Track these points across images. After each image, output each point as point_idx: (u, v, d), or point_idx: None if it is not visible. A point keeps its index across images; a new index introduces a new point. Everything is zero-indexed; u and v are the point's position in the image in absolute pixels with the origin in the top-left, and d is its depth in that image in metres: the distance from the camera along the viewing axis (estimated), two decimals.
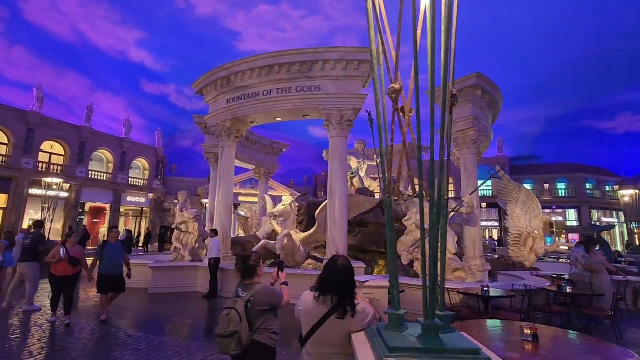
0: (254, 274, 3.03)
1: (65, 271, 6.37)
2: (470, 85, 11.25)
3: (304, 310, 2.31)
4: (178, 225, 12.78)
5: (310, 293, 2.34)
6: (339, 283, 2.22)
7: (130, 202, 31.91)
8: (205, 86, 11.72)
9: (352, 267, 2.35)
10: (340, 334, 2.14)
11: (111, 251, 6.77)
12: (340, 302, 2.16)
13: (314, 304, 2.23)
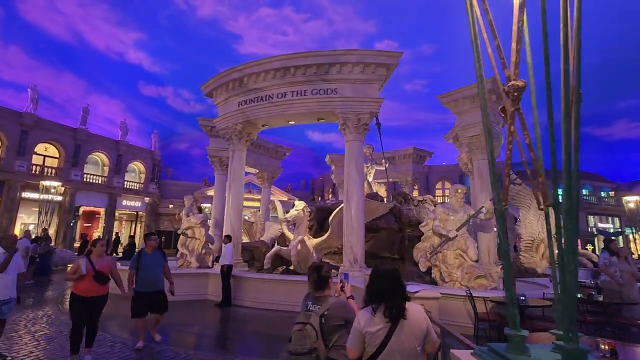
0: (325, 286, 2.80)
1: (90, 290, 4.76)
2: (486, 90, 11.17)
3: (368, 330, 2.14)
4: (184, 231, 12.45)
5: (366, 310, 2.22)
6: (391, 289, 2.17)
7: (126, 206, 31.31)
8: (216, 88, 11.45)
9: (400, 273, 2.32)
10: (410, 340, 2.10)
11: (149, 262, 5.55)
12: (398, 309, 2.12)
13: (374, 318, 2.13)
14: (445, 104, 12.29)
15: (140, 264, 5.52)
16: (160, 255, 5.81)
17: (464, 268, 8.77)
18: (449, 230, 9.00)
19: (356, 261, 9.17)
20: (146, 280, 5.49)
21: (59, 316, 7.47)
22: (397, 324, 2.11)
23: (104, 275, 4.88)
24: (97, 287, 4.79)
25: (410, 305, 2.22)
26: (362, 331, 2.17)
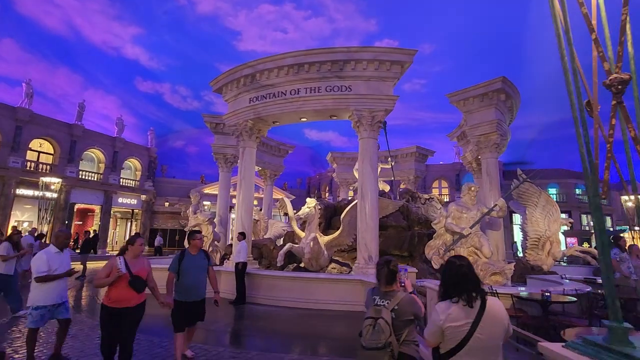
0: (394, 281, 2.80)
1: (124, 300, 3.88)
2: (495, 90, 11.29)
3: (450, 323, 2.14)
4: (191, 229, 12.31)
5: (445, 304, 2.21)
6: (471, 280, 2.20)
7: (122, 204, 30.87)
8: (226, 84, 11.33)
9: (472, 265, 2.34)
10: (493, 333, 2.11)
11: (193, 266, 4.64)
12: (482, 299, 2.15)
13: (457, 310, 2.13)
14: (453, 103, 12.37)
15: (182, 267, 4.56)
16: (204, 257, 4.92)
17: (478, 265, 8.83)
18: (462, 228, 9.05)
19: (371, 258, 9.19)
20: (188, 288, 4.58)
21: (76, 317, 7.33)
22: (481, 318, 2.11)
23: (141, 280, 4.05)
24: (133, 296, 3.94)
25: (490, 299, 2.23)
26: (443, 325, 2.16)
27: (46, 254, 4.44)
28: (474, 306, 2.14)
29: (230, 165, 15.91)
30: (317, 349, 5.76)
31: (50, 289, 4.34)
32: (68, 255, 4.68)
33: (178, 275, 4.57)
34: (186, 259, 4.66)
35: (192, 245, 4.84)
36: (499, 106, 11.55)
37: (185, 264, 4.61)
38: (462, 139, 15.83)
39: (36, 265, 4.31)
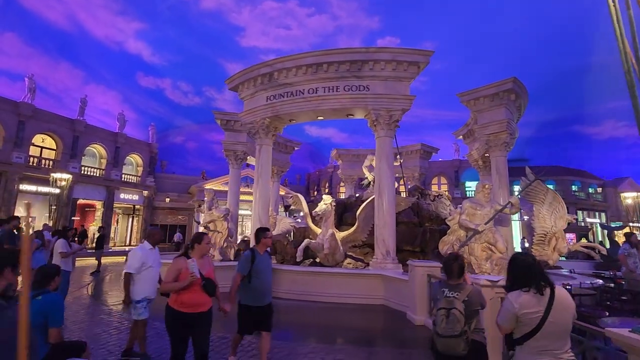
0: (462, 275, 3.06)
1: (201, 303, 3.60)
2: (506, 90, 11.58)
3: (524, 310, 2.38)
4: (206, 224, 12.51)
5: (516, 293, 2.45)
6: (537, 270, 2.45)
7: (124, 200, 30.83)
8: (242, 82, 11.48)
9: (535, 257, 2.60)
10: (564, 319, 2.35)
11: (264, 267, 4.27)
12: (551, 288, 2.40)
13: (528, 298, 2.37)
14: (464, 102, 12.65)
15: (254, 268, 4.11)
16: (269, 256, 4.63)
17: (493, 260, 9.18)
18: (477, 224, 9.37)
19: (388, 254, 9.48)
20: (261, 291, 4.19)
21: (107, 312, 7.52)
22: (552, 304, 2.35)
23: (213, 283, 3.72)
24: (206, 300, 3.64)
25: (558, 288, 2.49)
26: (517, 313, 2.40)
27: (141, 251, 4.58)
28: (545, 294, 2.39)
29: (240, 162, 16.07)
30: (337, 339, 6.01)
31: (150, 282, 4.54)
32: (158, 252, 4.83)
33: (250, 278, 4.10)
34: (258, 259, 4.18)
35: (262, 243, 4.40)
36: (508, 106, 11.85)
37: (258, 264, 4.15)
38: (468, 137, 16.14)
39: (131, 260, 4.49)
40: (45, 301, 3.21)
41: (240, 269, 4.15)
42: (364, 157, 21.67)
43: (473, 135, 15.65)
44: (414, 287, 6.91)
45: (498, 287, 4.43)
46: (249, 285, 4.11)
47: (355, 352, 5.16)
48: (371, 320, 7.35)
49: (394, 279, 8.33)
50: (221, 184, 36.50)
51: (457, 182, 36.04)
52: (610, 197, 35.58)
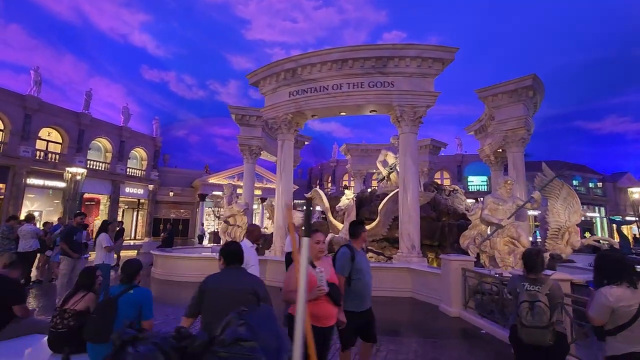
0: (543, 269, 3.23)
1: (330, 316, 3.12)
2: (525, 87, 11.75)
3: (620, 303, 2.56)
4: (226, 219, 12.65)
5: (608, 288, 2.63)
6: (627, 265, 2.66)
7: (129, 194, 30.81)
8: (265, 77, 11.53)
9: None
10: None
11: (365, 266, 3.66)
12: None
13: (622, 292, 2.56)
14: (482, 98, 12.81)
15: (355, 268, 3.53)
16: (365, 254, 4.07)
17: (516, 254, 9.43)
18: (500, 219, 9.61)
19: (414, 247, 9.68)
20: (363, 294, 3.60)
21: None
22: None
23: (339, 290, 3.20)
24: (333, 311, 3.14)
25: None
26: (613, 305, 2.57)
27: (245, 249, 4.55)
28: (638, 287, 2.58)
29: (255, 157, 16.14)
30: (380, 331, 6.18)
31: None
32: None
33: (350, 281, 3.55)
34: (358, 257, 3.59)
35: (361, 238, 3.79)
36: (526, 102, 12.03)
37: (359, 263, 3.58)
38: (480, 132, 16.32)
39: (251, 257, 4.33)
40: (138, 294, 3.35)
41: (340, 269, 3.46)
42: (373, 152, 21.93)
43: (485, 131, 15.84)
44: (449, 280, 7.12)
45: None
46: (348, 288, 3.54)
47: (408, 343, 5.36)
48: (406, 312, 7.57)
49: (423, 272, 8.55)
50: (225, 178, 36.56)
51: (459, 177, 36.31)
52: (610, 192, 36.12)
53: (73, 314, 3.38)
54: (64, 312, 3.38)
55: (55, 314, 3.39)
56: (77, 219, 7.21)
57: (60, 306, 3.42)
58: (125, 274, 3.47)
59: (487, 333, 5.96)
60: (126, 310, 3.21)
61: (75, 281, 3.67)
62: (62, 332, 3.30)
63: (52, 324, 3.35)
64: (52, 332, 3.32)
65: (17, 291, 3.72)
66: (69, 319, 3.36)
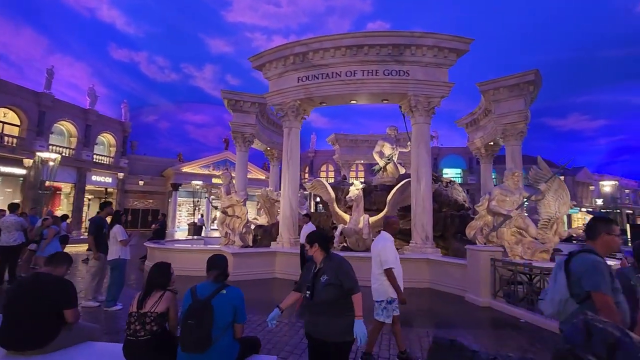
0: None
1: None
2: (527, 81, 12.08)
3: None
4: (225, 209, 12.03)
5: None
6: None
7: (95, 182, 28.68)
8: (271, 61, 10.92)
9: None
10: None
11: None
12: None
13: None
14: (483, 92, 13.04)
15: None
16: None
17: (524, 244, 9.75)
18: (508, 210, 9.86)
19: (427, 238, 9.71)
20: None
21: None
22: None
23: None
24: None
25: None
26: None
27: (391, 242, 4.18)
28: None
29: (248, 145, 15.49)
30: (413, 322, 6.10)
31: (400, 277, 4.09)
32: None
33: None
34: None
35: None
36: (526, 97, 12.39)
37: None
38: (471, 125, 16.72)
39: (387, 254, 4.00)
40: (232, 294, 2.95)
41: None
42: (361, 142, 21.89)
43: (477, 124, 16.25)
44: (478, 270, 7.16)
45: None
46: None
47: (459, 334, 5.28)
48: (433, 302, 7.55)
49: (442, 263, 8.59)
50: (200, 167, 35.17)
51: (435, 169, 37.38)
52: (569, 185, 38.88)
53: (155, 318, 2.92)
54: (144, 316, 2.90)
55: (132, 320, 2.89)
56: (107, 210, 6.43)
57: (137, 310, 2.93)
58: (218, 271, 3.06)
59: (526, 322, 6.04)
60: (222, 314, 2.80)
61: (146, 280, 3.17)
62: (144, 340, 2.83)
63: (131, 331, 2.86)
64: (132, 341, 2.83)
65: (69, 292, 3.15)
66: (151, 324, 2.89)
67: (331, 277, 2.74)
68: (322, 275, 2.79)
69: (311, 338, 2.88)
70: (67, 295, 3.12)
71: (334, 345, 2.76)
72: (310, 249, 2.91)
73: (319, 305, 2.77)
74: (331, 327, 2.73)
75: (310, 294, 2.78)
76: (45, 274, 3.15)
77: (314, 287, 2.79)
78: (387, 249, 3.99)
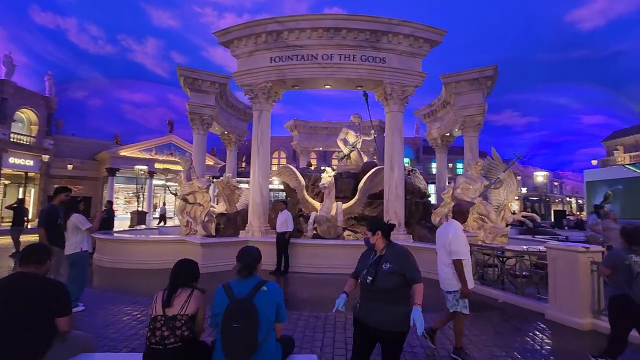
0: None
1: None
2: (486, 76, 12.81)
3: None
4: (185, 196, 11.20)
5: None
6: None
7: (13, 165, 25.00)
8: (240, 37, 10.14)
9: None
10: None
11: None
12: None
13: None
14: (445, 84, 13.57)
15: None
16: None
17: (486, 229, 10.44)
18: (472, 198, 10.46)
19: (400, 225, 9.94)
20: None
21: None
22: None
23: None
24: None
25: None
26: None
27: (462, 232, 4.00)
28: None
29: (207, 128, 14.50)
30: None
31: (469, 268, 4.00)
32: None
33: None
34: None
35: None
36: (484, 91, 13.16)
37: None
38: (429, 116, 17.42)
39: (458, 244, 3.85)
40: (273, 291, 2.62)
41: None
42: (321, 129, 21.74)
43: (435, 116, 16.97)
44: None
45: (590, 253, 5.14)
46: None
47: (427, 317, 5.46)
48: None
49: (418, 248, 8.82)
50: (141, 151, 32.45)
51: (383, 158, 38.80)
52: None
53: (186, 321, 2.48)
54: (173, 319, 2.44)
55: (157, 325, 2.42)
56: (60, 196, 5.37)
57: (162, 314, 2.46)
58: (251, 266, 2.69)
59: (503, 302, 6.45)
60: (265, 314, 2.47)
61: (170, 277, 2.68)
62: (174, 348, 2.39)
63: (157, 338, 2.39)
64: (159, 350, 2.37)
65: (62, 296, 2.55)
66: (182, 329, 2.45)
67: (394, 265, 2.71)
68: (384, 263, 2.75)
69: (361, 325, 2.78)
70: (60, 299, 2.51)
71: (387, 334, 2.69)
72: (373, 236, 2.88)
73: (378, 293, 2.71)
74: (388, 316, 2.67)
75: (372, 280, 2.70)
76: (30, 274, 2.50)
77: (376, 274, 2.71)
78: (459, 239, 3.87)
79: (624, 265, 3.58)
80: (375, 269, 2.75)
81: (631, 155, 25.96)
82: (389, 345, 2.72)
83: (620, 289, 3.62)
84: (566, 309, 5.13)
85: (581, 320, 4.91)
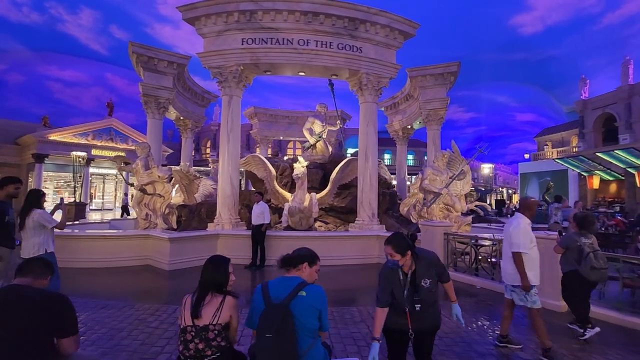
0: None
1: None
2: (450, 72, 13.31)
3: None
4: (143, 187, 10.29)
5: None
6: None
7: None
8: (209, 15, 9.32)
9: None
10: None
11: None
12: None
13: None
14: (412, 78, 13.87)
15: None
16: None
17: (451, 218, 10.93)
18: (440, 188, 10.90)
19: (374, 215, 10.05)
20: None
21: None
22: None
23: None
24: None
25: None
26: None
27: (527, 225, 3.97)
28: None
29: (163, 112, 13.38)
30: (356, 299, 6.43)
31: (537, 262, 3.88)
32: None
33: None
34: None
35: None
36: (447, 86, 13.69)
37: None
38: (391, 109, 17.79)
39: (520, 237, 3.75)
40: (315, 295, 2.37)
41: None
42: (281, 118, 21.22)
43: (397, 108, 17.38)
44: (433, 244, 7.66)
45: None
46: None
47: None
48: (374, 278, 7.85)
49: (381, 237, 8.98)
50: (75, 135, 29.34)
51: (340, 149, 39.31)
52: None
53: (220, 331, 2.17)
54: (205, 330, 2.12)
55: (188, 337, 2.08)
56: (7, 188, 4.38)
57: (191, 324, 2.12)
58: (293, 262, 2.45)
59: (481, 287, 6.81)
60: (304, 321, 2.22)
61: (200, 281, 2.32)
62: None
63: (191, 351, 2.05)
64: None
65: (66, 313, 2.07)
66: (217, 339, 2.13)
67: (431, 277, 2.63)
68: (421, 279, 2.60)
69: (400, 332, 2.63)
70: (65, 317, 2.03)
71: (429, 334, 2.72)
72: (402, 258, 2.55)
73: (424, 306, 2.60)
74: (435, 317, 2.70)
75: (420, 306, 2.56)
76: (28, 287, 1.99)
77: (420, 298, 2.57)
78: (521, 231, 3.75)
79: (575, 246, 4.21)
80: (417, 290, 2.56)
81: (558, 150, 29.09)
82: (428, 340, 2.73)
83: (570, 266, 4.30)
84: (545, 293, 5.50)
85: (559, 302, 5.31)
